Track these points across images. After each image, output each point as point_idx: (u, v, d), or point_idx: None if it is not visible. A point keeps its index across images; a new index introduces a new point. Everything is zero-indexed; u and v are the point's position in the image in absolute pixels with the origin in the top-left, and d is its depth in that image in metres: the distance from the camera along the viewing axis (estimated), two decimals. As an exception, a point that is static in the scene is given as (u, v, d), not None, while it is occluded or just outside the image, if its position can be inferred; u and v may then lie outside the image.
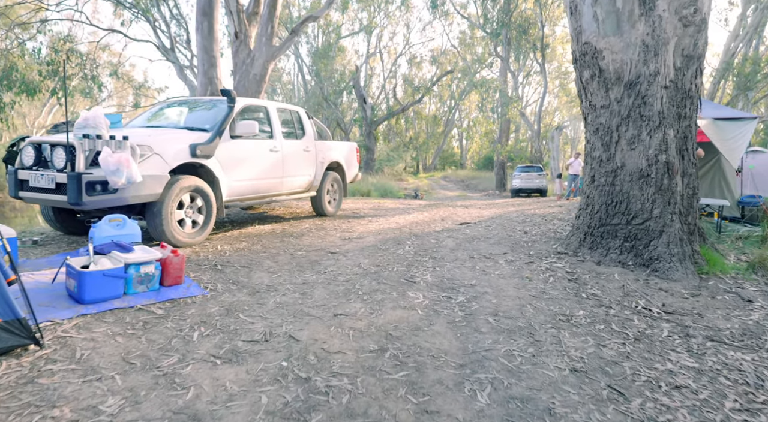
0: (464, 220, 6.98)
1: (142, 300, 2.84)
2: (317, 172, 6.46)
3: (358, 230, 5.84)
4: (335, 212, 7.10)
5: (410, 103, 29.31)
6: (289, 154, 5.82)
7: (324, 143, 6.75)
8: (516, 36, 24.29)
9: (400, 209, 9.06)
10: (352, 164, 7.50)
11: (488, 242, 5.19)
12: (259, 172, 5.25)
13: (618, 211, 4.17)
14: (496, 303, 3.23)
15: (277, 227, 5.80)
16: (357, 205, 9.26)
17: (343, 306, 3.08)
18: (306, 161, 6.20)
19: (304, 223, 6.22)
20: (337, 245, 4.89)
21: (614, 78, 4.14)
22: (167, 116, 5.18)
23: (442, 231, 5.87)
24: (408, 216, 7.37)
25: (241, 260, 4.04)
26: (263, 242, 4.83)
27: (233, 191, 4.91)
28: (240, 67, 9.55)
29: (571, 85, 38.54)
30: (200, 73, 7.90)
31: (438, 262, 4.27)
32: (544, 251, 4.67)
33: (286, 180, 5.78)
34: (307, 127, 6.36)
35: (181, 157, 4.14)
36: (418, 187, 25.40)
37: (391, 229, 5.95)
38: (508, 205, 10.56)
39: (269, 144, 5.46)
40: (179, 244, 4.19)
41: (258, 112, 5.49)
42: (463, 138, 50.89)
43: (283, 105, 6.04)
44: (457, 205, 10.41)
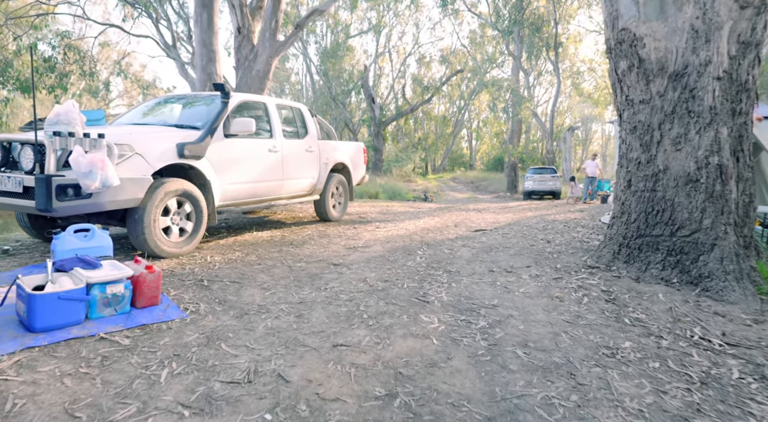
0: (479, 227, 6.49)
1: (106, 326, 2.40)
2: (321, 173, 6.02)
3: (364, 237, 5.38)
4: (340, 217, 6.64)
5: (419, 103, 28.82)
6: (290, 155, 5.37)
7: (328, 143, 6.31)
8: (529, 34, 23.72)
9: (410, 213, 8.59)
10: (359, 165, 7.04)
11: (508, 253, 4.69)
12: (256, 173, 4.81)
13: (660, 220, 3.65)
14: (524, 330, 2.74)
15: (276, 234, 5.36)
16: (364, 209, 8.81)
17: (345, 333, 2.61)
18: (308, 162, 5.75)
19: (306, 229, 5.77)
20: (341, 255, 4.42)
21: (656, 68, 3.62)
22: (157, 113, 4.76)
23: (456, 240, 5.38)
24: (418, 222, 6.89)
25: (231, 274, 3.59)
26: (259, 252, 4.38)
27: (227, 195, 4.48)
28: (242, 63, 9.15)
29: (584, 84, 37.83)
30: (199, 69, 7.51)
31: (453, 277, 3.79)
32: (572, 264, 4.17)
33: (286, 182, 5.34)
34: (309, 126, 5.92)
35: (166, 157, 3.71)
36: (427, 188, 24.91)
37: (401, 237, 5.48)
38: (523, 209, 10.03)
39: (268, 143, 5.02)
40: (164, 255, 3.75)
41: (255, 109, 5.06)
42: (472, 139, 50.34)
43: (283, 101, 5.60)
44: (469, 209, 9.91)
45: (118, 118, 4.92)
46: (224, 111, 4.38)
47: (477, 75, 28.65)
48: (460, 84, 36.48)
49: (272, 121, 5.17)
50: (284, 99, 5.70)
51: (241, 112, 4.77)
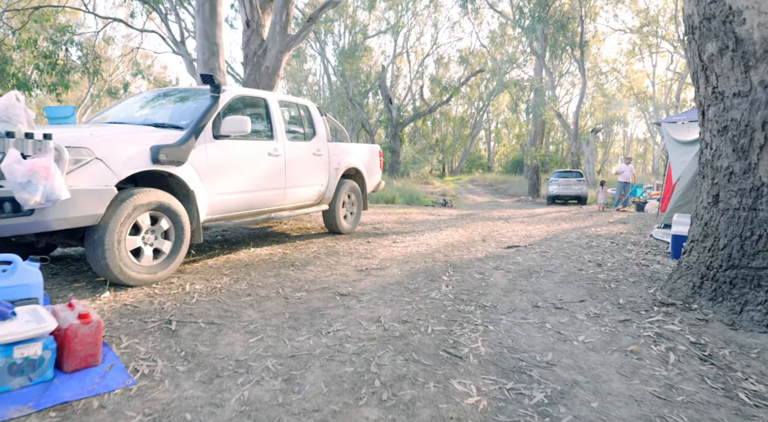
0: (511, 242, 5.67)
1: (9, 408, 1.69)
2: (330, 180, 5.29)
3: (379, 256, 4.63)
4: (352, 229, 5.90)
5: (438, 103, 27.98)
6: (295, 159, 4.66)
7: (339, 146, 5.58)
8: (553, 32, 22.68)
9: (430, 222, 7.80)
10: (374, 170, 6.30)
11: (552, 279, 3.87)
12: (253, 181, 4.10)
13: (763, 248, 2.80)
14: (601, 412, 1.94)
15: (276, 251, 4.63)
16: (379, 217, 8.05)
17: (348, 415, 1.86)
18: (316, 167, 5.03)
19: (312, 245, 5.04)
20: (351, 281, 3.67)
21: (761, 51, 2.78)
22: (137, 110, 4.09)
23: (487, 259, 4.58)
24: (440, 235, 6.11)
25: (211, 310, 2.87)
26: (252, 276, 3.65)
27: (217, 207, 3.77)
28: (251, 58, 8.51)
29: (607, 85, 36.43)
30: (200, 63, 6.88)
31: (489, 314, 3.00)
32: (638, 299, 3.33)
33: (289, 191, 4.62)
34: (318, 126, 5.20)
35: (135, 163, 3.01)
36: (445, 191, 24.09)
37: (421, 255, 4.71)
38: (554, 218, 9.14)
39: (268, 146, 4.31)
40: (132, 283, 3.06)
41: (253, 106, 4.36)
42: (490, 140, 49.30)
43: (287, 97, 4.89)
44: (494, 218, 9.06)
45: (94, 116, 4.27)
46: (213, 108, 3.68)
47: (497, 75, 27.68)
48: (479, 84, 35.55)
49: (273, 120, 4.46)
50: (290, 95, 5.03)
51: (235, 110, 4.07)
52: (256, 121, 4.31)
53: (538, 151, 23.35)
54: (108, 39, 15.17)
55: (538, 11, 21.58)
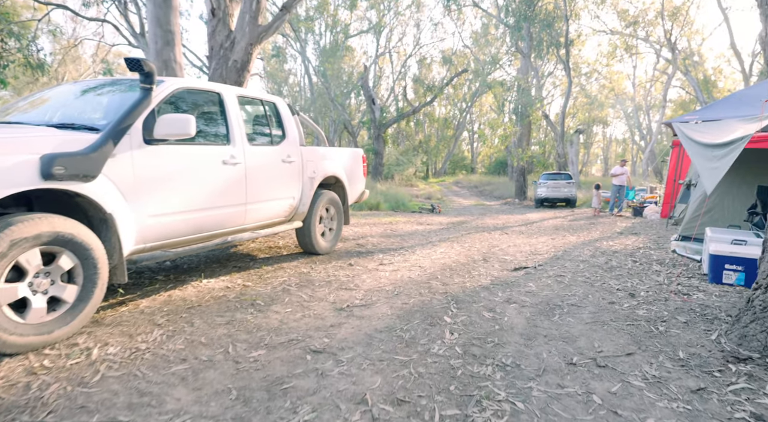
0: (516, 261, 4.89)
1: None
2: (304, 191, 4.43)
3: (363, 285, 3.78)
4: (331, 248, 5.04)
5: (421, 104, 27.29)
6: (258, 168, 3.79)
7: (315, 150, 4.72)
8: (539, 31, 22.22)
9: (420, 234, 6.99)
10: (357, 178, 5.46)
11: (580, 317, 3.09)
12: (201, 197, 3.22)
13: None
14: None
15: (235, 282, 3.74)
16: (363, 230, 7.21)
17: None
18: (286, 177, 4.16)
19: (281, 271, 4.16)
20: (327, 327, 2.82)
21: None
22: (43, 107, 3.16)
23: (494, 288, 3.78)
24: (434, 253, 5.29)
25: (119, 395, 1.98)
26: (195, 325, 2.77)
27: (150, 233, 2.88)
28: (217, 51, 7.57)
29: (588, 86, 36.29)
30: (152, 54, 5.92)
31: (514, 381, 2.19)
32: (700, 349, 2.56)
33: (252, 207, 3.75)
34: (288, 128, 4.33)
35: (12, 179, 2.11)
36: (430, 194, 23.41)
37: (415, 283, 3.88)
38: (556, 227, 8.43)
39: (222, 152, 3.43)
40: (8, 350, 2.15)
41: (203, 103, 3.47)
42: (474, 141, 49.07)
43: (249, 92, 4.01)
44: (489, 227, 8.29)
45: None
46: (143, 103, 2.78)
47: (480, 76, 27.17)
48: (463, 85, 35.14)
49: (230, 120, 3.58)
50: (253, 90, 4.13)
51: (176, 107, 3.18)
52: (206, 121, 3.43)
53: (525, 153, 22.85)
54: (54, 30, 13.89)
55: (524, 9, 21.07)
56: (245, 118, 3.85)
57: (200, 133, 3.32)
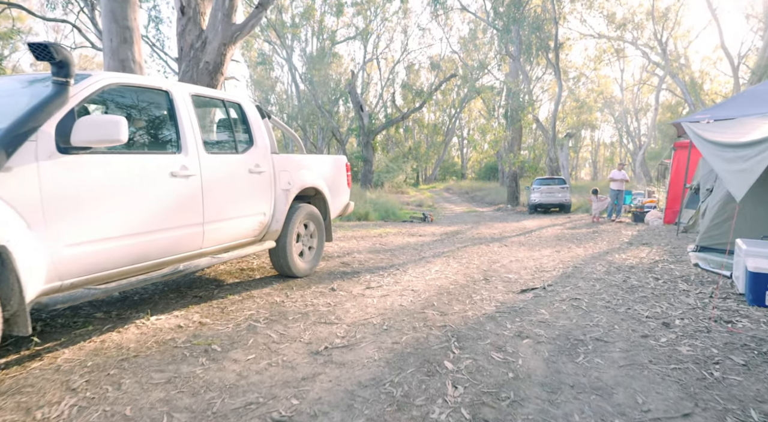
0: (522, 280, 4.31)
1: None
2: (277, 206, 3.82)
3: (346, 316, 3.18)
4: (311, 269, 4.42)
5: (410, 110, 26.87)
6: (219, 180, 3.18)
7: (290, 159, 4.13)
8: (528, 33, 21.95)
9: (412, 248, 6.40)
10: (340, 189, 4.87)
11: (611, 358, 2.51)
12: (141, 219, 2.60)
13: None
14: None
15: (190, 318, 3.10)
16: (349, 244, 6.59)
17: None
18: (254, 190, 3.56)
19: (249, 301, 3.53)
20: (297, 382, 2.21)
21: None
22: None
23: (501, 317, 3.20)
24: (429, 272, 4.70)
25: None
26: (123, 387, 2.13)
27: (67, 268, 2.26)
28: (187, 52, 6.97)
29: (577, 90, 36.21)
30: (107, 53, 5.28)
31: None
32: None
33: (211, 227, 3.14)
34: (257, 132, 3.73)
35: None
36: (421, 201, 22.91)
37: (407, 313, 3.28)
38: (557, 237, 7.88)
39: (171, 162, 2.82)
40: None
41: (144, 103, 2.86)
42: (463, 147, 48.90)
43: (206, 91, 3.40)
44: (486, 239, 7.72)
45: None
46: (54, 102, 2.17)
47: (468, 82, 26.86)
48: (452, 90, 34.93)
49: (181, 124, 2.97)
50: (212, 89, 3.48)
51: (109, 107, 2.57)
52: (149, 124, 2.82)
53: (517, 158, 22.46)
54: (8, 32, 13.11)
55: (513, 11, 20.78)
56: (202, 122, 3.25)
57: (140, 139, 2.71)
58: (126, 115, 2.69)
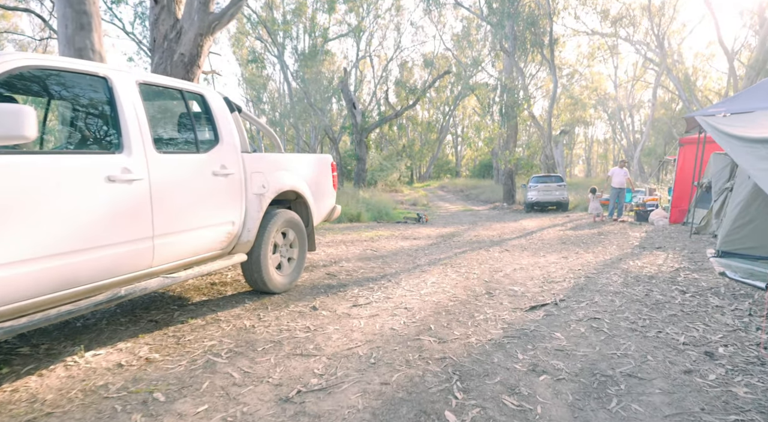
0: (530, 294, 3.81)
1: None
2: (249, 213, 3.31)
3: (328, 346, 2.67)
4: (291, 283, 3.90)
5: (404, 107, 26.36)
6: (173, 184, 2.66)
7: (265, 158, 3.61)
8: (522, 29, 21.50)
9: (406, 253, 5.90)
10: (325, 192, 4.35)
11: (651, 403, 2.02)
12: (65, 235, 2.08)
13: None
14: None
15: (134, 354, 2.57)
16: (338, 251, 6.08)
17: None
18: (220, 195, 3.04)
19: (212, 328, 3.01)
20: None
21: None
22: None
23: (510, 345, 2.70)
24: (425, 284, 4.19)
25: None
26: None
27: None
28: (160, 43, 6.42)
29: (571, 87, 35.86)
30: (61, 41, 4.70)
31: None
32: None
33: (164, 241, 2.62)
34: (223, 128, 3.21)
35: None
36: (416, 199, 22.43)
37: (399, 340, 2.77)
38: (559, 238, 7.40)
39: (108, 164, 2.30)
40: None
41: (73, 91, 2.34)
42: (458, 144, 48.52)
43: (160, 79, 2.86)
44: (485, 242, 7.23)
45: None
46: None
47: (462, 79, 26.41)
48: (446, 87, 34.50)
49: (123, 118, 2.45)
50: (164, 76, 2.87)
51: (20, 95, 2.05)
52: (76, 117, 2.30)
53: (512, 155, 22.02)
54: None
55: (507, 6, 20.31)
56: (154, 116, 2.72)
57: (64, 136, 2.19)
58: (45, 106, 2.16)
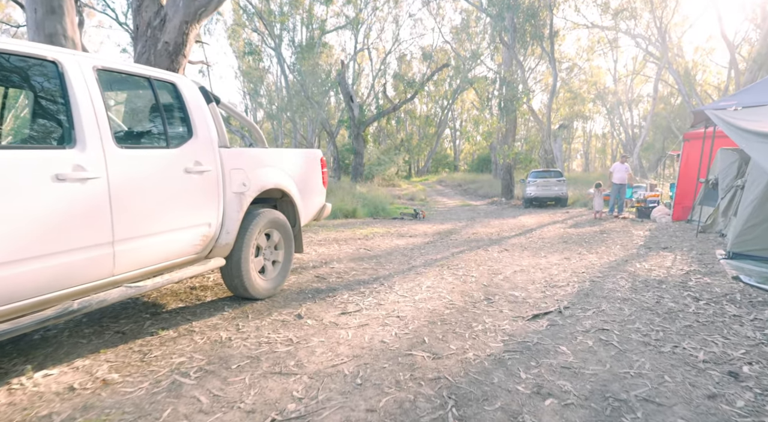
0: (532, 299, 3.56)
1: None
2: (228, 214, 3.03)
3: (310, 363, 2.41)
4: (276, 288, 3.64)
5: (402, 101, 25.98)
6: (137, 184, 2.38)
7: (245, 153, 3.33)
8: (522, 21, 21.13)
9: (401, 252, 5.65)
10: (313, 189, 4.08)
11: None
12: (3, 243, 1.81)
13: None
14: None
15: (90, 374, 2.29)
16: (329, 250, 5.81)
17: None
18: (194, 195, 2.76)
19: (184, 342, 2.74)
20: None
21: None
22: None
23: (512, 361, 2.44)
24: (419, 288, 3.92)
25: None
26: None
27: None
28: (144, 31, 6.11)
29: (570, 81, 35.48)
30: (30, 27, 4.37)
31: None
32: None
33: (127, 247, 2.34)
34: (198, 121, 2.92)
35: None
36: (413, 194, 22.14)
37: (389, 356, 2.51)
38: (560, 237, 7.15)
39: (57, 161, 2.02)
40: None
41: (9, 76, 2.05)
42: (456, 138, 48.22)
43: (121, 65, 2.57)
44: (484, 240, 6.97)
45: None
46: None
47: (461, 72, 26.05)
48: (444, 81, 34.13)
49: (76, 108, 2.16)
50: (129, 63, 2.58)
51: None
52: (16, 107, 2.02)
53: (511, 149, 21.73)
54: None
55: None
56: (115, 106, 2.44)
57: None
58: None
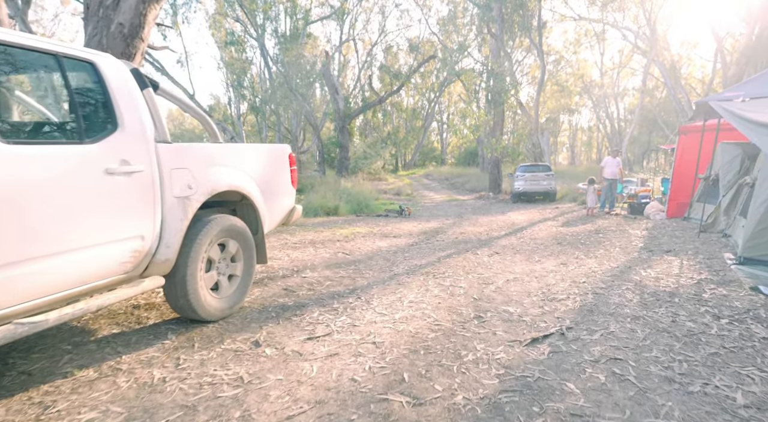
0: (530, 319, 3.10)
1: None
2: (168, 223, 2.50)
3: (260, 413, 1.91)
4: (233, 307, 3.12)
5: (388, 93, 25.44)
6: (30, 189, 1.85)
7: (192, 150, 2.79)
8: (510, 11, 20.68)
9: (382, 257, 5.16)
10: (280, 191, 3.56)
11: None
12: None
13: None
14: None
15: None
16: (304, 255, 5.28)
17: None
18: (120, 201, 2.23)
19: (101, 388, 2.20)
20: None
21: None
22: None
23: (509, 404, 1.97)
24: (401, 304, 3.44)
25: None
26: None
27: None
28: (95, 11, 5.48)
29: (561, 72, 35.24)
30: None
31: None
32: None
33: (16, 272, 1.81)
34: (125, 110, 2.38)
35: None
36: (399, 188, 21.66)
37: (359, 397, 2.02)
38: (554, 237, 6.72)
39: None
40: None
41: None
42: (443, 132, 47.85)
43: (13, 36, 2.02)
44: (473, 241, 6.51)
45: None
46: None
47: (447, 65, 25.54)
48: (431, 73, 33.62)
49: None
50: (35, 37, 1.91)
51: None
52: None
53: (499, 143, 21.34)
54: None
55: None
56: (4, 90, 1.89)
57: None
58: None
